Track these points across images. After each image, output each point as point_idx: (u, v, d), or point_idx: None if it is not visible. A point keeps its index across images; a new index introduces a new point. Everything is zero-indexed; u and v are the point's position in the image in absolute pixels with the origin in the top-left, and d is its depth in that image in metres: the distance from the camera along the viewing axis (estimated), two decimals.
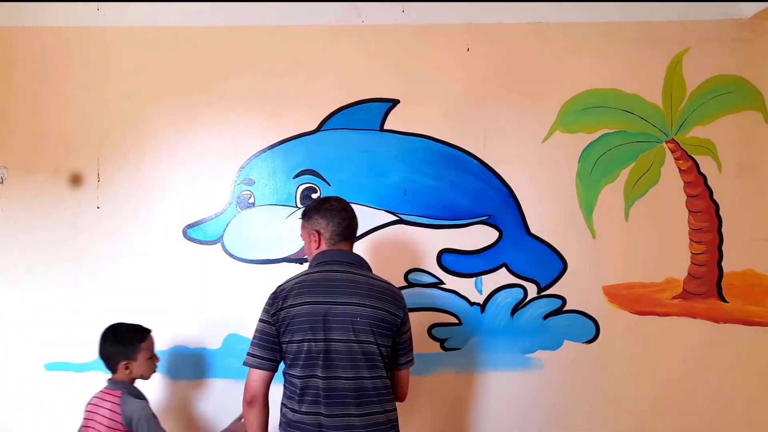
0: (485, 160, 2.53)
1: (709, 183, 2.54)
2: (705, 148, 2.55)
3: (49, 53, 2.53)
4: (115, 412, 2.00)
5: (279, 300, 1.77)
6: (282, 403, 1.81)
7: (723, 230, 2.54)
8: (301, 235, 1.95)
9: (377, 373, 1.74)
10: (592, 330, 2.52)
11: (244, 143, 2.51)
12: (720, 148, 2.55)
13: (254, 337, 1.78)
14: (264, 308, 1.79)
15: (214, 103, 2.51)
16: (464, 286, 2.52)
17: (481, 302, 2.52)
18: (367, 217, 2.50)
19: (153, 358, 2.12)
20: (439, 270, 2.51)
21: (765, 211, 2.56)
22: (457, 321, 2.52)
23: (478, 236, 2.52)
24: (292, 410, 1.75)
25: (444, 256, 2.51)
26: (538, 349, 2.52)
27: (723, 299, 2.54)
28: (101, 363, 2.42)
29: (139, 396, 2.07)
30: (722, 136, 2.55)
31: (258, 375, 1.76)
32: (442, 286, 2.51)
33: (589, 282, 2.53)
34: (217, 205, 2.50)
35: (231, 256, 2.49)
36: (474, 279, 2.52)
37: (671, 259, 2.53)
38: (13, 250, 2.49)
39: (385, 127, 2.52)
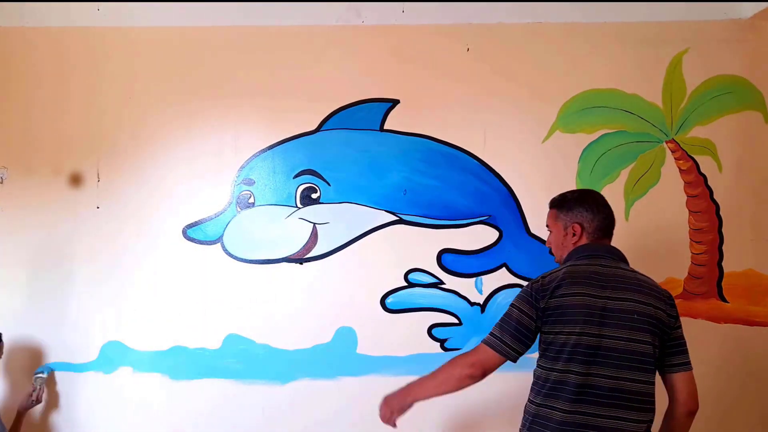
0: (485, 160, 2.53)
1: (710, 183, 2.54)
2: (705, 148, 2.54)
3: (49, 53, 2.53)
4: None
5: (549, 290, 1.64)
6: (531, 400, 1.71)
7: (723, 230, 2.54)
8: (551, 226, 1.84)
9: (644, 377, 1.59)
10: None
11: (244, 143, 2.51)
12: (720, 148, 2.55)
13: (506, 324, 1.67)
14: (525, 297, 1.68)
15: (214, 103, 2.52)
16: (464, 286, 2.51)
17: (481, 302, 2.52)
18: (367, 217, 2.50)
19: None
20: (439, 270, 2.51)
21: (765, 211, 2.56)
22: (457, 321, 2.51)
23: (478, 236, 2.52)
24: (546, 407, 1.62)
25: (444, 256, 2.51)
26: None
27: (723, 299, 2.53)
28: (101, 363, 2.43)
29: None
30: (722, 136, 2.55)
31: (498, 361, 1.67)
32: (442, 286, 2.51)
33: None
34: (217, 205, 2.50)
35: (231, 256, 2.49)
36: (474, 279, 2.52)
37: (671, 259, 2.53)
38: (12, 249, 2.49)
39: (385, 127, 2.53)
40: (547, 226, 1.88)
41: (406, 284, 2.51)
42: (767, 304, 2.54)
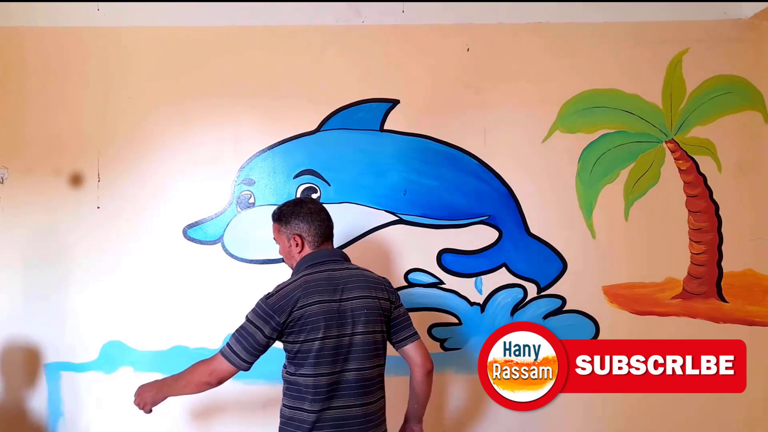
0: (485, 160, 2.53)
1: (709, 183, 2.54)
2: (705, 148, 2.55)
3: (49, 53, 2.53)
4: None
5: (290, 303, 1.76)
6: (285, 404, 1.84)
7: (723, 230, 2.54)
8: (276, 239, 1.97)
9: (380, 362, 1.84)
10: (591, 330, 2.52)
11: (244, 143, 2.51)
12: (720, 148, 2.55)
13: (242, 337, 1.78)
14: (261, 314, 1.78)
15: (215, 103, 2.52)
16: (464, 286, 2.52)
17: (481, 302, 2.52)
18: (367, 217, 2.50)
19: None
20: (439, 270, 2.52)
21: (765, 211, 2.56)
22: (457, 321, 2.52)
23: (478, 236, 2.52)
24: (300, 409, 1.78)
25: (444, 256, 2.52)
26: None
27: (723, 299, 2.54)
28: (102, 363, 2.44)
29: None
30: (722, 136, 2.55)
31: (228, 369, 1.79)
32: (442, 286, 2.52)
33: (589, 282, 2.53)
34: (218, 205, 2.51)
35: (231, 256, 2.49)
36: (474, 279, 2.52)
37: (671, 259, 2.54)
38: (13, 249, 2.49)
39: (385, 127, 2.53)
40: (274, 239, 1.98)
41: (406, 284, 2.51)
42: (766, 304, 2.54)
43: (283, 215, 1.93)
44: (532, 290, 2.53)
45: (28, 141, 2.51)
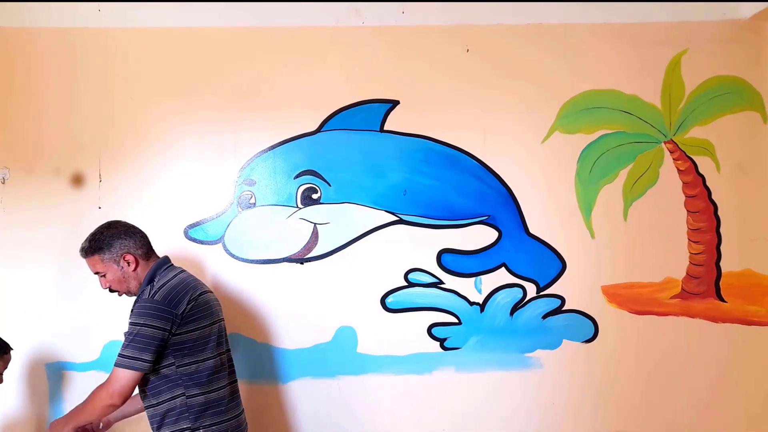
0: (485, 160, 2.54)
1: (708, 183, 2.55)
2: (703, 148, 2.55)
3: (50, 54, 2.53)
4: None
5: (185, 298, 1.88)
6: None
7: (721, 230, 2.55)
8: (100, 271, 1.95)
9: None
10: (591, 329, 2.53)
11: (245, 144, 2.52)
12: (719, 149, 2.56)
13: (141, 343, 1.82)
14: (159, 314, 1.84)
15: (215, 103, 2.52)
16: (464, 286, 2.53)
17: (481, 302, 2.53)
18: (367, 217, 2.51)
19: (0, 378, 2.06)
20: (439, 270, 2.52)
21: (764, 211, 2.57)
22: (456, 321, 2.53)
23: (477, 236, 2.53)
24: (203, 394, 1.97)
25: (444, 256, 2.52)
26: (538, 348, 2.53)
27: (721, 299, 2.55)
28: (103, 362, 2.44)
29: None
30: (721, 136, 2.56)
31: (137, 380, 1.84)
32: (442, 286, 2.52)
33: (588, 282, 2.54)
34: (218, 205, 2.51)
35: (232, 256, 2.50)
36: (473, 279, 2.53)
37: (670, 259, 2.55)
38: (14, 250, 2.49)
39: (385, 128, 2.53)
40: (97, 273, 1.97)
41: (406, 284, 2.52)
42: (765, 303, 2.55)
43: (100, 242, 1.93)
44: (531, 290, 2.54)
45: (29, 141, 2.51)
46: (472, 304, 2.53)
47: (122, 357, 1.82)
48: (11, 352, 2.09)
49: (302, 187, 2.51)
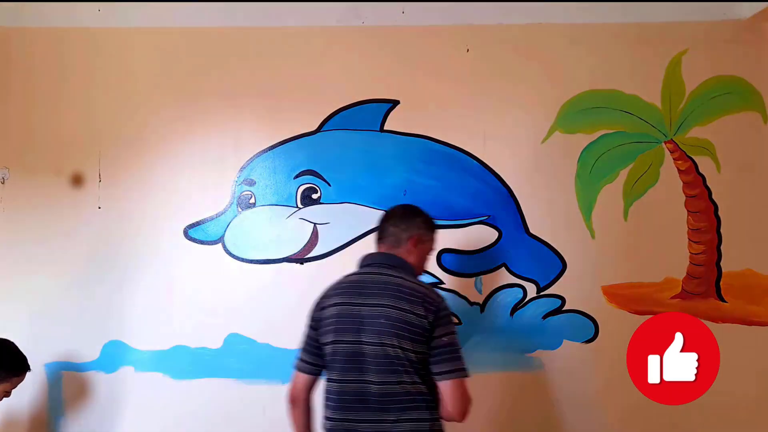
0: (485, 160, 2.54)
1: (708, 183, 2.55)
2: (704, 148, 2.55)
3: (50, 54, 2.53)
4: None
5: (318, 302, 1.79)
6: None
7: (722, 230, 2.54)
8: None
9: (393, 378, 1.63)
10: (591, 330, 2.53)
11: (244, 143, 2.52)
12: (719, 149, 2.55)
13: (303, 341, 1.80)
14: (309, 315, 1.80)
15: (215, 103, 2.52)
16: (464, 286, 2.53)
17: (481, 302, 2.53)
18: (367, 217, 2.50)
19: (9, 393, 2.06)
20: (439, 270, 2.52)
21: (764, 211, 2.57)
22: (456, 321, 2.52)
23: (478, 236, 2.53)
24: (324, 417, 1.73)
25: (444, 256, 2.52)
26: (538, 348, 2.53)
27: (722, 299, 2.54)
28: (103, 362, 2.44)
29: None
30: (721, 136, 2.55)
31: (298, 377, 1.78)
32: (442, 286, 2.52)
33: (589, 282, 2.53)
34: (218, 205, 2.51)
35: (232, 256, 2.50)
36: (474, 279, 2.53)
37: (670, 259, 2.54)
38: (14, 250, 2.50)
39: (385, 128, 2.53)
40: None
41: None
42: (765, 303, 2.55)
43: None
44: (531, 290, 2.54)
45: (29, 141, 2.52)
46: (472, 304, 2.53)
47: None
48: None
49: (302, 187, 2.51)
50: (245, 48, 2.54)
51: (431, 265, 2.52)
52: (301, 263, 2.50)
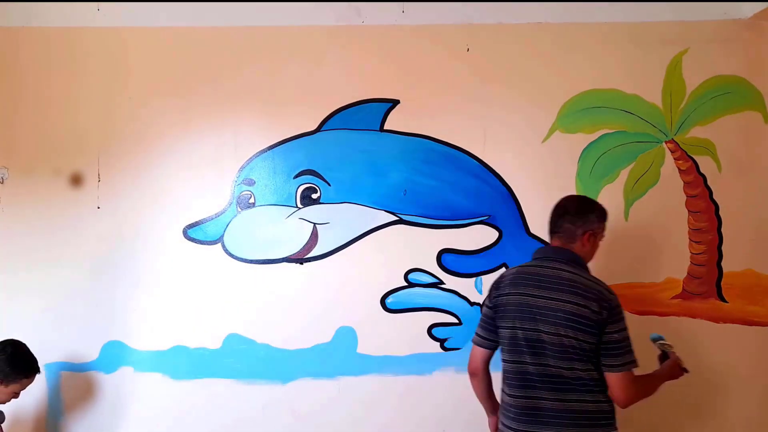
0: (485, 160, 2.54)
1: (709, 183, 2.54)
2: (705, 148, 2.55)
3: (49, 53, 2.53)
4: None
5: (494, 289, 1.92)
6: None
7: (722, 230, 2.54)
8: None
9: (577, 366, 1.75)
10: None
11: (244, 143, 2.51)
12: (720, 149, 2.55)
13: (480, 319, 1.95)
14: (486, 296, 1.96)
15: (215, 103, 2.52)
16: (464, 286, 2.52)
17: (481, 302, 2.52)
18: (367, 217, 2.50)
19: (17, 394, 2.08)
20: (439, 270, 2.52)
21: (765, 211, 2.56)
22: (457, 321, 2.52)
23: (478, 236, 2.52)
24: (503, 393, 1.89)
25: (444, 256, 2.52)
26: None
27: (722, 299, 2.54)
28: (102, 363, 2.44)
29: None
30: (722, 136, 2.55)
31: (476, 350, 1.95)
32: (442, 286, 2.52)
33: None
34: (218, 205, 2.51)
35: (231, 256, 2.50)
36: (474, 279, 2.52)
37: (671, 259, 2.54)
38: (13, 249, 2.49)
39: (385, 127, 2.53)
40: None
41: (406, 284, 2.51)
42: (766, 304, 2.54)
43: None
44: None
45: (29, 141, 2.51)
46: (472, 304, 2.52)
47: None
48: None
49: (302, 187, 2.51)
50: (245, 48, 2.54)
51: (431, 265, 2.52)
52: (301, 263, 2.49)
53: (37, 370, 2.11)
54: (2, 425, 2.10)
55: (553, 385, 1.76)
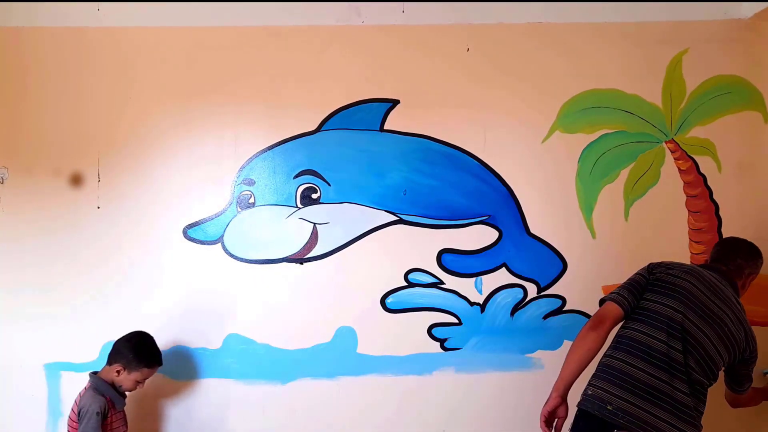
0: (485, 160, 2.54)
1: (709, 183, 2.54)
2: (705, 148, 2.55)
3: (49, 53, 2.53)
4: (76, 403, 2.11)
5: (661, 266, 1.99)
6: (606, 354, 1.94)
7: (722, 230, 2.54)
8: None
9: (692, 367, 1.82)
10: None
11: (244, 143, 2.51)
12: (720, 148, 2.55)
13: (626, 283, 1.98)
14: (645, 268, 2.02)
15: (215, 103, 2.52)
16: (464, 286, 2.52)
17: (481, 302, 2.52)
18: (367, 217, 2.50)
19: (141, 383, 2.18)
20: (439, 270, 2.52)
21: (765, 211, 2.56)
22: (457, 321, 2.52)
23: (478, 236, 2.52)
24: (612, 357, 1.89)
25: (444, 256, 2.52)
26: (538, 349, 2.52)
27: None
28: (102, 363, 2.43)
29: (102, 393, 2.11)
30: (722, 136, 2.55)
31: (614, 308, 1.91)
32: (442, 286, 2.52)
33: (589, 282, 2.53)
34: (218, 205, 2.51)
35: (231, 256, 2.49)
36: (474, 279, 2.52)
37: (671, 258, 2.52)
38: (13, 249, 2.49)
39: (385, 127, 2.53)
40: None
41: (406, 284, 2.51)
42: (766, 304, 2.54)
43: None
44: (532, 290, 2.53)
45: (29, 141, 2.51)
46: (472, 304, 2.52)
47: (616, 293, 1.97)
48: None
49: (302, 187, 2.51)
50: (245, 47, 2.53)
51: (431, 265, 2.52)
52: (301, 263, 2.49)
53: (158, 362, 2.21)
54: (124, 409, 2.21)
55: (675, 372, 1.80)
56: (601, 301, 1.99)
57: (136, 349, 2.16)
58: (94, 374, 2.16)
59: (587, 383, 1.90)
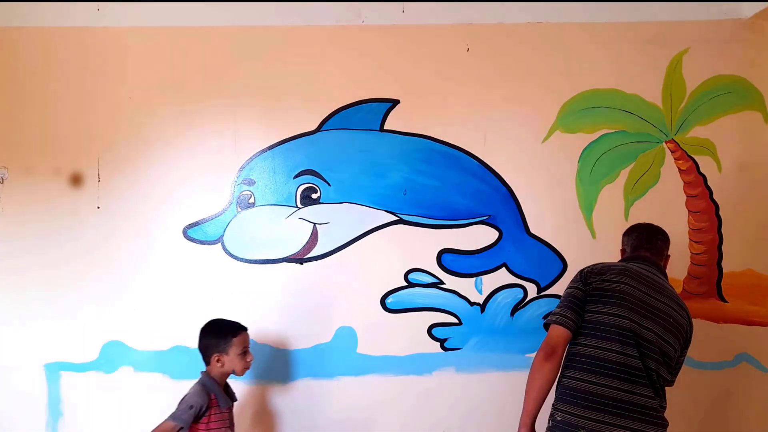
0: (485, 160, 2.54)
1: (709, 183, 2.55)
2: (705, 148, 2.55)
3: (49, 53, 2.53)
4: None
5: (593, 274, 1.93)
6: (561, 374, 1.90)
7: (723, 230, 2.54)
8: None
9: (656, 365, 1.81)
10: None
11: (244, 143, 2.51)
12: (720, 149, 2.55)
13: (565, 300, 1.92)
14: (577, 279, 1.96)
15: (215, 103, 2.52)
16: (464, 286, 2.52)
17: (481, 302, 2.52)
18: (367, 217, 2.50)
19: (246, 354, 2.12)
20: (439, 270, 2.52)
21: (765, 211, 2.56)
22: (457, 321, 2.52)
23: (478, 236, 2.52)
24: (569, 377, 1.86)
25: (444, 256, 2.52)
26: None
27: (723, 299, 2.54)
28: (102, 363, 2.44)
29: (208, 390, 2.07)
30: (722, 136, 2.55)
31: (560, 332, 1.86)
32: (442, 286, 2.52)
33: None
34: (218, 205, 2.51)
35: (231, 256, 2.49)
36: (474, 279, 2.52)
37: (671, 259, 2.52)
38: (13, 249, 2.49)
39: (385, 127, 2.53)
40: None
41: (406, 284, 2.51)
42: (766, 304, 2.55)
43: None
44: (532, 290, 2.53)
45: (28, 141, 2.51)
46: (472, 304, 2.52)
47: (555, 313, 1.93)
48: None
49: (302, 187, 2.50)
50: (245, 47, 2.53)
51: (431, 265, 2.51)
52: (301, 263, 2.49)
53: (241, 327, 2.15)
54: (232, 411, 2.17)
55: (636, 379, 1.78)
56: (546, 325, 1.94)
57: (214, 331, 2.12)
58: (204, 374, 2.12)
59: (552, 407, 1.88)
